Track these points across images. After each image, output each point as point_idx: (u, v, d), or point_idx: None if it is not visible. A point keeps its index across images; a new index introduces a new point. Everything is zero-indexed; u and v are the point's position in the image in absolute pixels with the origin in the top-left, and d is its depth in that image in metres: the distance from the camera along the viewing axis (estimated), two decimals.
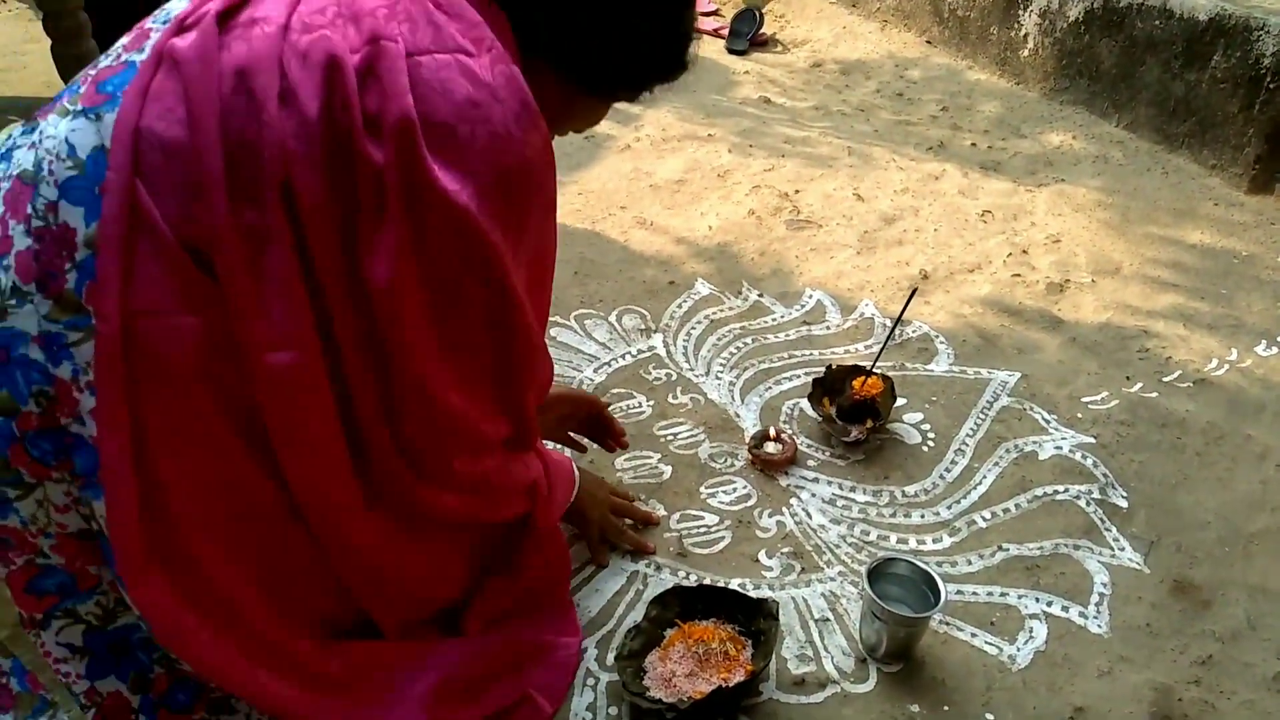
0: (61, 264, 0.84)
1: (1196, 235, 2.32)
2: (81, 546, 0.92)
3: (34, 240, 0.84)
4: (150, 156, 0.84)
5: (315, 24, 0.87)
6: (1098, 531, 1.49)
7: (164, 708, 1.00)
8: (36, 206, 0.84)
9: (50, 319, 0.84)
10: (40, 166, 0.85)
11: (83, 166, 0.84)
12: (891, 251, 2.26)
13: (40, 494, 0.88)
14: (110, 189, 0.83)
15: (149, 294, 0.84)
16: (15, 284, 0.84)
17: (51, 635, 0.94)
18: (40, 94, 2.75)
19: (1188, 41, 2.56)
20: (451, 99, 0.86)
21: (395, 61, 0.85)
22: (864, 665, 1.27)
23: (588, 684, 1.24)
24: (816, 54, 3.52)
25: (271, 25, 0.87)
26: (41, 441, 0.86)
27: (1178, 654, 1.30)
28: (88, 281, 0.83)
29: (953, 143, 2.81)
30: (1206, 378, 1.83)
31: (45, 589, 0.93)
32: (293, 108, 0.84)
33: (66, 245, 0.84)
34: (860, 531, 1.49)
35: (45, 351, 0.84)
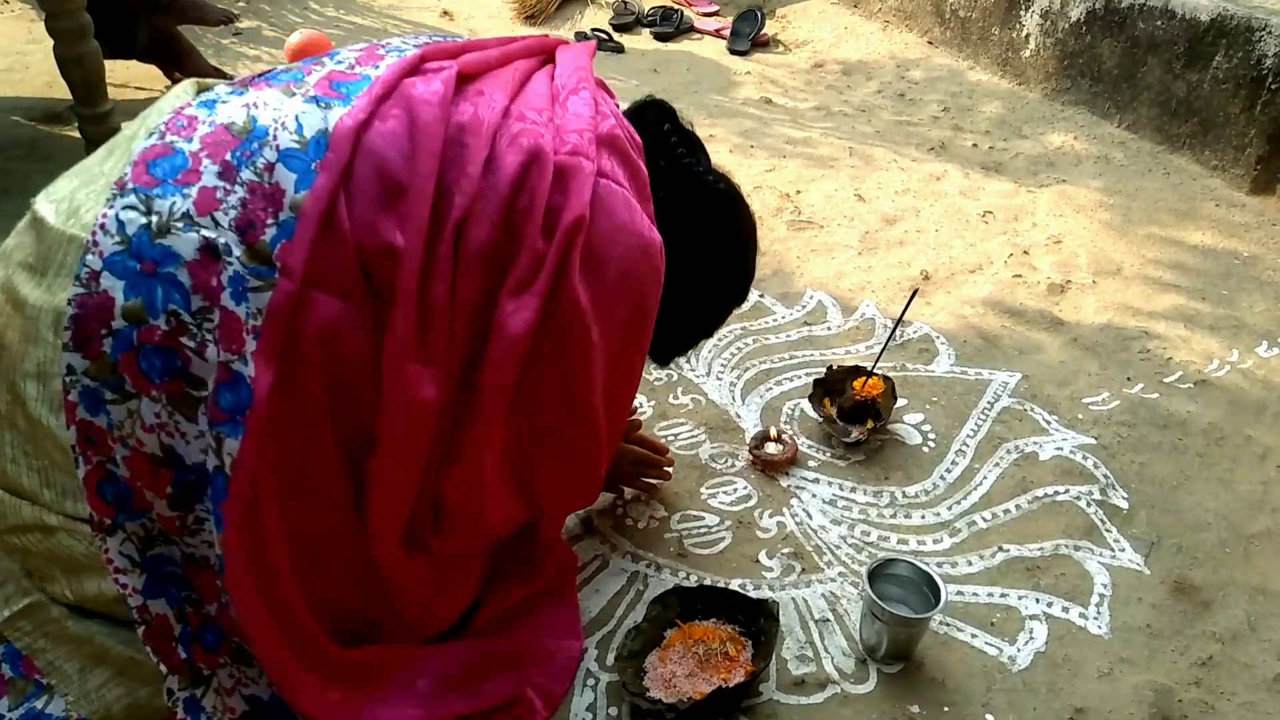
0: (264, 218, 0.93)
1: (1198, 236, 2.32)
2: (150, 470, 0.95)
3: (245, 191, 0.93)
4: (362, 166, 0.96)
5: (529, 118, 1.03)
6: (1098, 532, 1.49)
7: (198, 643, 1.03)
8: (254, 163, 0.94)
9: (242, 262, 0.92)
10: (265, 130, 0.96)
11: (305, 144, 0.96)
12: (892, 252, 2.26)
13: (134, 405, 0.93)
14: (327, 167, 0.94)
15: (324, 270, 0.93)
16: (189, 211, 0.92)
17: (116, 543, 0.97)
18: (43, 94, 2.75)
19: (1189, 42, 2.56)
20: (613, 220, 1.03)
21: (585, 177, 1.01)
22: (864, 666, 1.28)
23: (588, 684, 1.24)
24: (818, 54, 3.52)
25: (497, 104, 1.03)
26: (155, 357, 0.91)
27: (1178, 655, 1.30)
28: (283, 240, 0.92)
29: (954, 143, 2.81)
30: (1207, 379, 1.83)
31: (106, 496, 0.96)
32: (490, 175, 0.98)
33: (274, 203, 0.93)
34: (860, 532, 1.49)
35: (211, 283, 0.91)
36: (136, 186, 0.93)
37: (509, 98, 1.05)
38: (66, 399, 0.92)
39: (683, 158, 1.19)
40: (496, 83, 1.07)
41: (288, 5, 3.67)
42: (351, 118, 0.96)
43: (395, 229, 0.95)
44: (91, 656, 1.04)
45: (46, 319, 0.93)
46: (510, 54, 1.14)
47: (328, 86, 1.01)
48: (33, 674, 1.03)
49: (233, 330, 0.91)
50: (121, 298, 0.90)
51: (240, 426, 0.92)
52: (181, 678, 1.02)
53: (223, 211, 0.93)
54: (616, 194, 1.04)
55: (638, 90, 3.13)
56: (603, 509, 1.51)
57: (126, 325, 0.90)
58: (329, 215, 0.93)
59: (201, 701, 1.04)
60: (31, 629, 1.03)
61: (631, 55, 3.47)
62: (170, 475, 0.95)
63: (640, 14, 3.72)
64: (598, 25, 3.64)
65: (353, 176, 0.95)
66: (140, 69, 2.80)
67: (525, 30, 3.65)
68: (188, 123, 0.99)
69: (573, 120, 1.05)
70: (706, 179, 1.20)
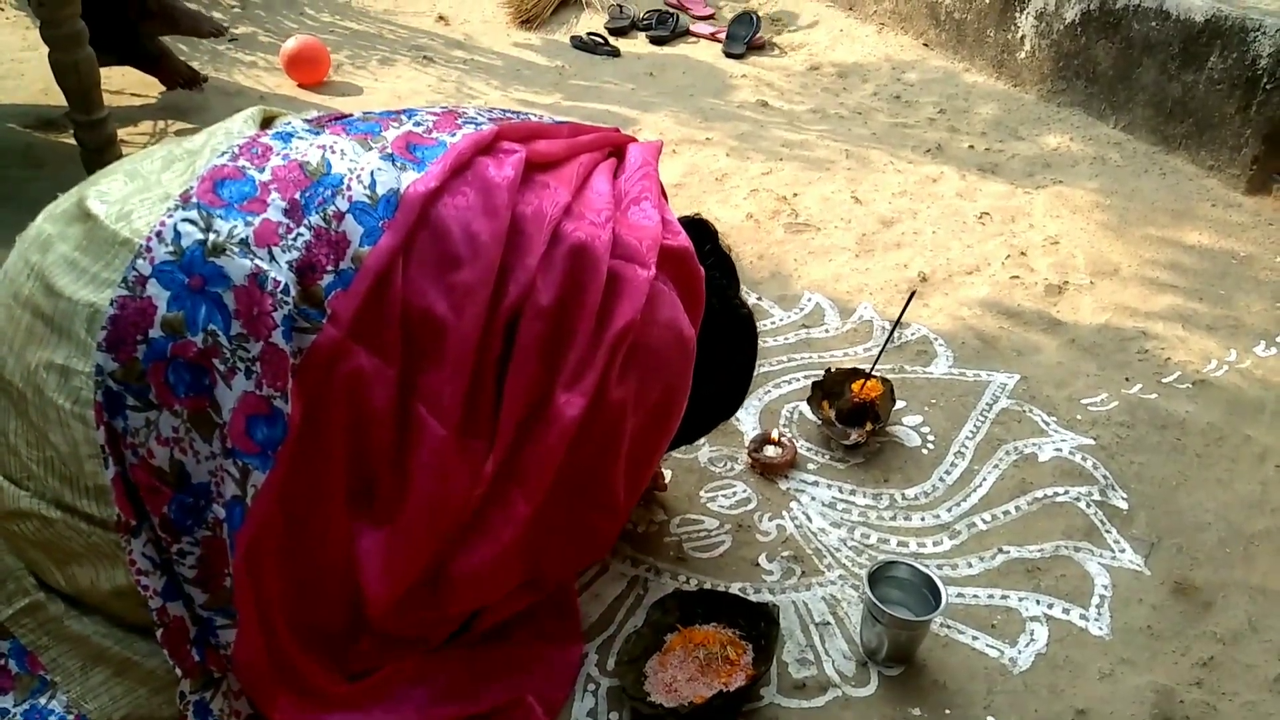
0: (325, 264, 0.96)
1: (1194, 236, 2.32)
2: (150, 484, 0.95)
3: (310, 234, 0.96)
4: (425, 233, 0.99)
5: (589, 218, 1.08)
6: (1098, 533, 1.49)
7: (209, 646, 1.03)
8: (325, 209, 0.97)
9: (295, 303, 0.94)
10: (339, 179, 0.99)
11: (376, 201, 0.99)
12: (890, 254, 2.26)
13: (153, 415, 0.93)
14: (394, 228, 0.97)
15: (368, 325, 0.97)
16: (247, 238, 0.94)
17: (139, 544, 0.97)
18: (38, 101, 2.75)
19: (1184, 42, 2.56)
20: (657, 315, 1.08)
21: (641, 284, 1.05)
22: (865, 669, 1.27)
23: (588, 689, 1.24)
24: (814, 57, 3.52)
25: (561, 198, 1.07)
26: (185, 372, 0.92)
27: (1179, 656, 1.30)
28: (339, 289, 0.95)
29: (950, 145, 2.81)
30: (1206, 379, 1.83)
31: (128, 497, 0.96)
32: (548, 272, 1.02)
33: (337, 252, 0.96)
34: (860, 535, 1.48)
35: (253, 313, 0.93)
36: (200, 202, 0.95)
37: (571, 194, 1.09)
38: (95, 399, 0.92)
39: (719, 279, 1.25)
40: (562, 178, 1.11)
41: (283, 11, 3.67)
42: (424, 184, 1.00)
43: (443, 300, 0.98)
44: (91, 655, 1.04)
45: (82, 314, 0.93)
46: (578, 146, 1.18)
47: (405, 148, 1.05)
48: (37, 670, 1.04)
49: (279, 368, 0.93)
50: (164, 308, 0.91)
51: (270, 461, 0.94)
52: (194, 680, 1.03)
53: (282, 249, 0.94)
54: (664, 294, 1.10)
55: (634, 95, 3.14)
56: None
57: (163, 336, 0.91)
58: (386, 274, 0.96)
59: (210, 705, 1.05)
60: (35, 625, 1.04)
61: (627, 59, 3.47)
62: (170, 495, 0.95)
63: (636, 18, 3.72)
64: (593, 29, 3.64)
65: (415, 242, 0.98)
66: (135, 76, 2.80)
67: (521, 35, 3.65)
68: (262, 151, 1.02)
69: (635, 228, 1.10)
70: (734, 303, 1.29)
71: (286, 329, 0.93)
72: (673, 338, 1.11)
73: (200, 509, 0.96)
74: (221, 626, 1.00)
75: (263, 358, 0.93)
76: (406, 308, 0.98)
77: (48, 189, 1.07)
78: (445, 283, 0.99)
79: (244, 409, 0.93)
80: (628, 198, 1.16)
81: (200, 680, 1.03)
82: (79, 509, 0.98)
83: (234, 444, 0.93)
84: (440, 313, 0.98)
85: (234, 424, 0.93)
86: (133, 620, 1.03)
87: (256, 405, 0.93)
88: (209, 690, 1.04)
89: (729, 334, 1.28)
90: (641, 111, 3.00)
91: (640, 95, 3.15)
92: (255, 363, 0.93)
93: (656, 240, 1.10)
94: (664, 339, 1.09)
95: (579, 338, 1.02)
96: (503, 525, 1.06)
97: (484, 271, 0.99)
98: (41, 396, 0.95)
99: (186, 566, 0.98)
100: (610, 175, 1.18)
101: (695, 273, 1.16)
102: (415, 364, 1.00)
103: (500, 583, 1.14)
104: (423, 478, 1.00)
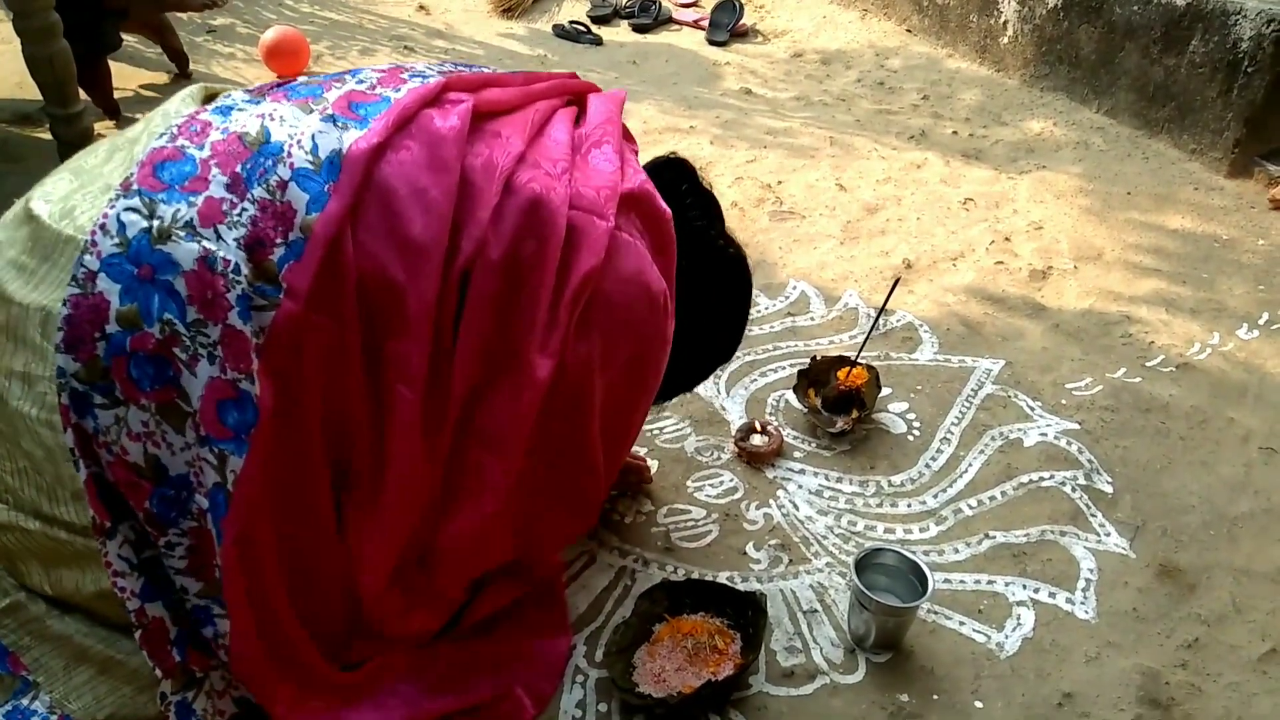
0: (274, 237, 0.92)
1: (1177, 220, 2.33)
2: (129, 479, 0.93)
3: (256, 208, 0.92)
4: (372, 194, 0.95)
5: (544, 167, 1.02)
6: (1083, 517, 1.49)
7: (192, 645, 1.02)
8: (267, 180, 0.93)
9: (249, 281, 0.91)
10: (279, 147, 0.95)
11: (320, 164, 0.94)
12: (874, 241, 2.26)
13: (121, 412, 0.91)
14: (339, 191, 0.93)
15: (326, 295, 0.93)
16: (192, 220, 0.91)
17: (115, 546, 0.96)
18: (13, 94, 2.71)
19: (1166, 27, 2.57)
20: (620, 270, 1.02)
21: (600, 235, 1.00)
22: (853, 656, 1.27)
23: (577, 680, 1.23)
24: (797, 44, 3.51)
25: (513, 147, 1.01)
26: (147, 365, 0.90)
27: (1164, 638, 1.31)
28: (291, 261, 0.92)
29: (934, 131, 2.81)
30: (1189, 362, 1.84)
31: (103, 500, 0.95)
32: (499, 225, 0.97)
33: (285, 223, 0.92)
34: (847, 522, 1.49)
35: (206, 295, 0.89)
36: (141, 189, 0.92)
37: (525, 142, 1.03)
38: (60, 402, 0.90)
39: (696, 220, 1.20)
40: (514, 125, 1.05)
41: (261, 2, 3.63)
42: (366, 141, 0.95)
43: (397, 261, 0.94)
44: (73, 655, 1.03)
45: (34, 319, 0.91)
46: (533, 94, 1.11)
47: (346, 106, 1.00)
48: (19, 670, 1.03)
49: (241, 349, 0.91)
50: (117, 301, 0.89)
51: (245, 445, 0.92)
52: (175, 681, 1.02)
53: (228, 226, 0.91)
54: (629, 245, 1.04)
55: (617, 83, 3.12)
56: None
57: (120, 330, 0.89)
58: (337, 240, 0.92)
59: (193, 705, 1.04)
60: (16, 626, 1.02)
61: (610, 47, 3.46)
62: (149, 489, 0.94)
63: (618, 6, 3.70)
64: (575, 17, 3.62)
65: (362, 203, 0.94)
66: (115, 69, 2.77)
67: (503, 24, 3.62)
68: (201, 128, 0.97)
69: (593, 175, 1.05)
70: (718, 243, 1.22)
71: (243, 309, 0.90)
72: (639, 292, 1.05)
73: (183, 500, 0.95)
74: (219, 615, 0.99)
75: (223, 341, 0.90)
76: (361, 273, 0.94)
77: (25, 184, 1.05)
78: (397, 243, 0.95)
79: (213, 395, 0.91)
80: (588, 142, 1.09)
81: (181, 680, 1.02)
82: (58, 518, 0.96)
83: (208, 431, 0.91)
84: (395, 275, 0.94)
85: (205, 411, 0.91)
86: (116, 620, 1.02)
87: (224, 390, 0.91)
88: (191, 690, 1.03)
89: (714, 275, 1.22)
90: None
91: (623, 84, 3.13)
92: (216, 347, 0.90)
93: (615, 188, 1.05)
94: (629, 293, 1.04)
95: (541, 295, 0.98)
96: (481, 492, 1.04)
97: (436, 229, 0.95)
98: (6, 407, 0.93)
99: (176, 558, 0.97)
100: (570, 124, 1.12)
101: (660, 214, 1.09)
102: (378, 331, 0.96)
103: (491, 551, 1.12)
104: (398, 446, 0.98)
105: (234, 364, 0.91)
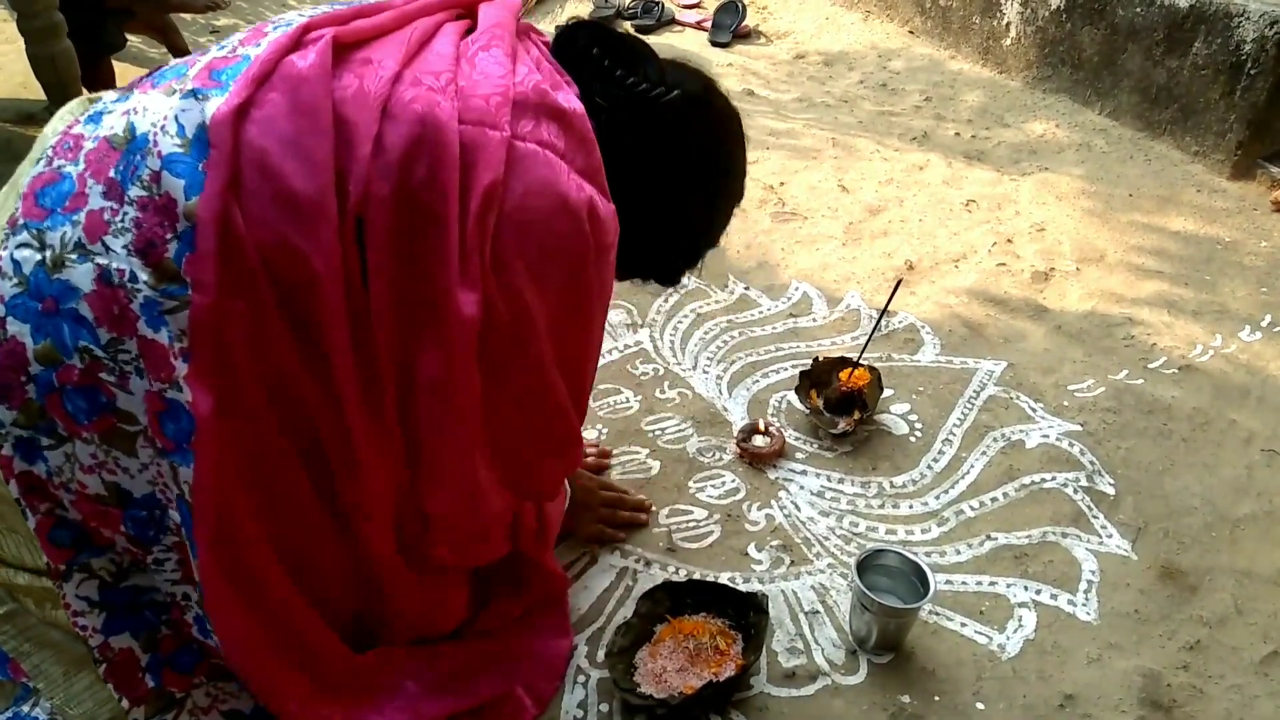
0: (163, 233, 0.86)
1: (1180, 222, 2.33)
2: (97, 510, 0.92)
3: (136, 209, 0.86)
4: (246, 159, 0.87)
5: (425, 83, 0.91)
6: (1085, 519, 1.49)
7: (168, 666, 1.01)
8: (140, 176, 0.86)
9: (150, 285, 0.86)
10: (145, 139, 0.88)
11: (188, 145, 0.87)
12: (877, 242, 2.26)
13: (69, 448, 0.89)
14: (214, 166, 0.85)
15: (233, 276, 0.87)
16: (80, 239, 0.86)
17: (72, 587, 0.95)
18: (16, 94, 2.72)
19: (1169, 28, 2.56)
20: (529, 184, 0.92)
21: (495, 148, 0.90)
22: (854, 657, 1.27)
23: (578, 681, 1.24)
24: (799, 45, 3.51)
25: (386, 70, 0.91)
26: (78, 398, 0.88)
27: (1166, 640, 1.31)
28: (188, 253, 0.85)
29: (936, 133, 2.81)
30: (1191, 364, 1.84)
31: (62, 541, 0.93)
32: (382, 157, 0.88)
33: (168, 216, 0.86)
34: (849, 523, 1.49)
35: (114, 312, 0.86)
36: (28, 221, 0.88)
37: (401, 63, 0.93)
38: (2, 454, 0.88)
39: (623, 79, 1.03)
40: (387, 48, 0.94)
41: (265, 2, 3.63)
42: (227, 105, 0.87)
43: (292, 226, 0.87)
44: (74, 661, 1.02)
45: None
46: (409, 14, 1.00)
47: (207, 76, 0.91)
48: (19, 677, 1.03)
49: (159, 358, 0.87)
50: (31, 342, 0.86)
51: (189, 453, 0.88)
52: (148, 707, 1.00)
53: (114, 234, 0.86)
54: (534, 155, 0.93)
55: None
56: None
57: (43, 369, 0.86)
58: (226, 218, 0.86)
59: None
60: (15, 632, 1.02)
61: None
62: (119, 514, 0.92)
63: (620, 7, 3.71)
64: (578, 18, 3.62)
65: (239, 172, 0.87)
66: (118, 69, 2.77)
67: None
68: (74, 143, 0.92)
69: (481, 83, 0.93)
70: (650, 94, 1.03)
71: (150, 316, 0.86)
72: (552, 205, 0.93)
73: (157, 518, 0.94)
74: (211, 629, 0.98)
75: (142, 353, 0.87)
76: (259, 245, 0.87)
77: None
78: (284, 204, 0.87)
79: (151, 408, 0.88)
80: (474, 47, 0.97)
81: (157, 705, 1.01)
82: (39, 566, 0.95)
83: (161, 444, 0.89)
84: (293, 239, 0.87)
85: (151, 425, 0.89)
86: None
87: (156, 402, 0.88)
88: (170, 711, 1.02)
89: (663, 127, 1.04)
90: None
91: None
92: (139, 360, 0.87)
93: (507, 92, 0.93)
94: (541, 209, 0.93)
95: (448, 224, 0.89)
96: (445, 452, 0.99)
97: (319, 178, 0.86)
98: None
99: (169, 571, 0.97)
100: (457, 36, 1.00)
101: (562, 110, 0.96)
102: (298, 302, 0.90)
103: (490, 508, 1.07)
104: (350, 418, 0.93)
105: (155, 374, 0.87)
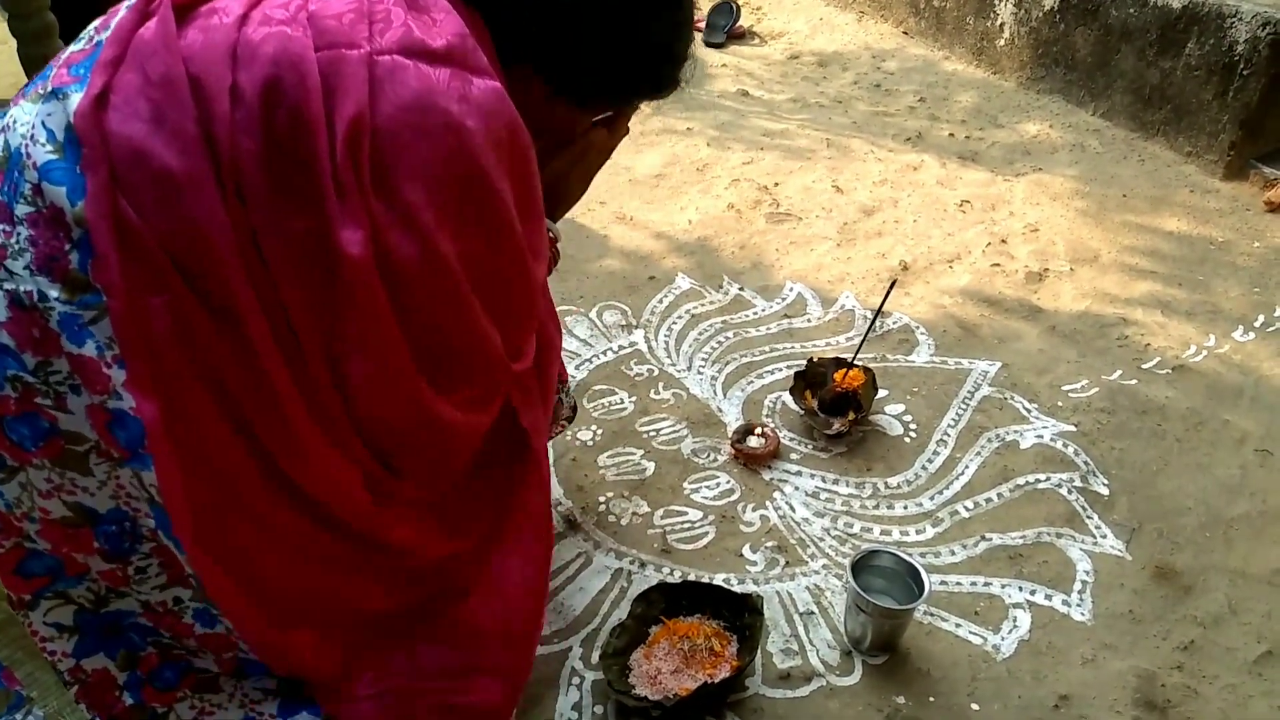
0: (61, 245, 0.83)
1: (1173, 222, 2.33)
2: (66, 534, 0.91)
3: (28, 227, 0.83)
4: (116, 151, 0.83)
5: (275, 18, 0.85)
6: (1079, 519, 1.49)
7: (150, 684, 1.00)
8: (22, 192, 0.84)
9: (63, 300, 0.83)
10: (19, 152, 0.85)
11: (61, 149, 0.84)
12: (871, 243, 2.26)
13: (23, 478, 0.88)
14: (89, 163, 0.82)
15: (140, 272, 0.84)
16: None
17: (40, 615, 0.94)
18: (8, 95, 2.71)
19: (1162, 29, 2.57)
20: (400, 102, 0.85)
21: (353, 67, 0.84)
22: (849, 658, 1.27)
23: (573, 683, 1.23)
24: (793, 46, 3.52)
25: (230, 16, 0.85)
26: (20, 426, 0.86)
27: (1160, 640, 1.31)
28: (90, 259, 0.83)
29: (930, 133, 2.82)
30: (1185, 364, 1.84)
31: (34, 572, 0.93)
32: (241, 108, 0.83)
33: (60, 226, 0.83)
34: (844, 524, 1.48)
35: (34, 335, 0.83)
36: None
37: (248, 4, 0.87)
38: None
39: None
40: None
41: None
42: (86, 97, 0.83)
43: (181, 208, 0.83)
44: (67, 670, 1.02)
45: None
46: None
47: (65, 73, 0.87)
48: (14, 685, 1.02)
49: (92, 371, 0.84)
50: None
51: (147, 457, 0.86)
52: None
53: (13, 256, 0.84)
54: (399, 67, 0.86)
55: None
56: (585, 505, 1.51)
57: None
58: (116, 216, 0.82)
59: None
60: (8, 641, 1.02)
61: None
62: (90, 532, 0.91)
63: None
64: None
65: (114, 163, 0.83)
66: None
67: None
68: None
69: (332, 3, 0.88)
70: None
71: (72, 331, 0.83)
72: (432, 121, 0.85)
73: (129, 529, 0.92)
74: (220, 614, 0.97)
75: (75, 370, 0.85)
76: (159, 237, 0.83)
77: None
78: (166, 188, 0.83)
79: (98, 421, 0.86)
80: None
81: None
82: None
83: (117, 454, 0.87)
84: (184, 222, 0.83)
85: (103, 438, 0.87)
86: None
87: (100, 415, 0.86)
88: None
89: None
90: None
91: None
92: (72, 376, 0.85)
93: (361, 6, 0.87)
94: (418, 126, 0.86)
95: (319, 164, 0.83)
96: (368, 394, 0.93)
97: (192, 149, 0.82)
98: None
99: (153, 579, 0.96)
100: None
101: (430, 4, 0.91)
102: (212, 288, 0.86)
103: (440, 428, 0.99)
104: (280, 396, 0.90)
105: (92, 388, 0.85)
